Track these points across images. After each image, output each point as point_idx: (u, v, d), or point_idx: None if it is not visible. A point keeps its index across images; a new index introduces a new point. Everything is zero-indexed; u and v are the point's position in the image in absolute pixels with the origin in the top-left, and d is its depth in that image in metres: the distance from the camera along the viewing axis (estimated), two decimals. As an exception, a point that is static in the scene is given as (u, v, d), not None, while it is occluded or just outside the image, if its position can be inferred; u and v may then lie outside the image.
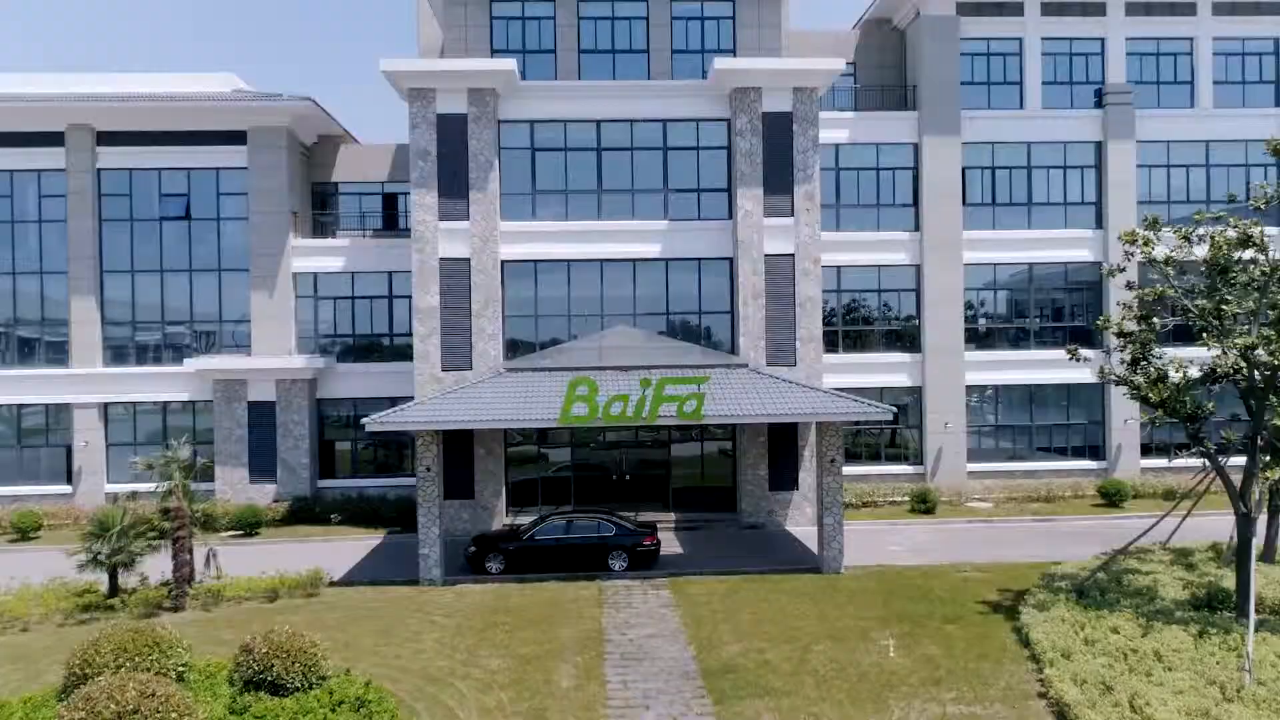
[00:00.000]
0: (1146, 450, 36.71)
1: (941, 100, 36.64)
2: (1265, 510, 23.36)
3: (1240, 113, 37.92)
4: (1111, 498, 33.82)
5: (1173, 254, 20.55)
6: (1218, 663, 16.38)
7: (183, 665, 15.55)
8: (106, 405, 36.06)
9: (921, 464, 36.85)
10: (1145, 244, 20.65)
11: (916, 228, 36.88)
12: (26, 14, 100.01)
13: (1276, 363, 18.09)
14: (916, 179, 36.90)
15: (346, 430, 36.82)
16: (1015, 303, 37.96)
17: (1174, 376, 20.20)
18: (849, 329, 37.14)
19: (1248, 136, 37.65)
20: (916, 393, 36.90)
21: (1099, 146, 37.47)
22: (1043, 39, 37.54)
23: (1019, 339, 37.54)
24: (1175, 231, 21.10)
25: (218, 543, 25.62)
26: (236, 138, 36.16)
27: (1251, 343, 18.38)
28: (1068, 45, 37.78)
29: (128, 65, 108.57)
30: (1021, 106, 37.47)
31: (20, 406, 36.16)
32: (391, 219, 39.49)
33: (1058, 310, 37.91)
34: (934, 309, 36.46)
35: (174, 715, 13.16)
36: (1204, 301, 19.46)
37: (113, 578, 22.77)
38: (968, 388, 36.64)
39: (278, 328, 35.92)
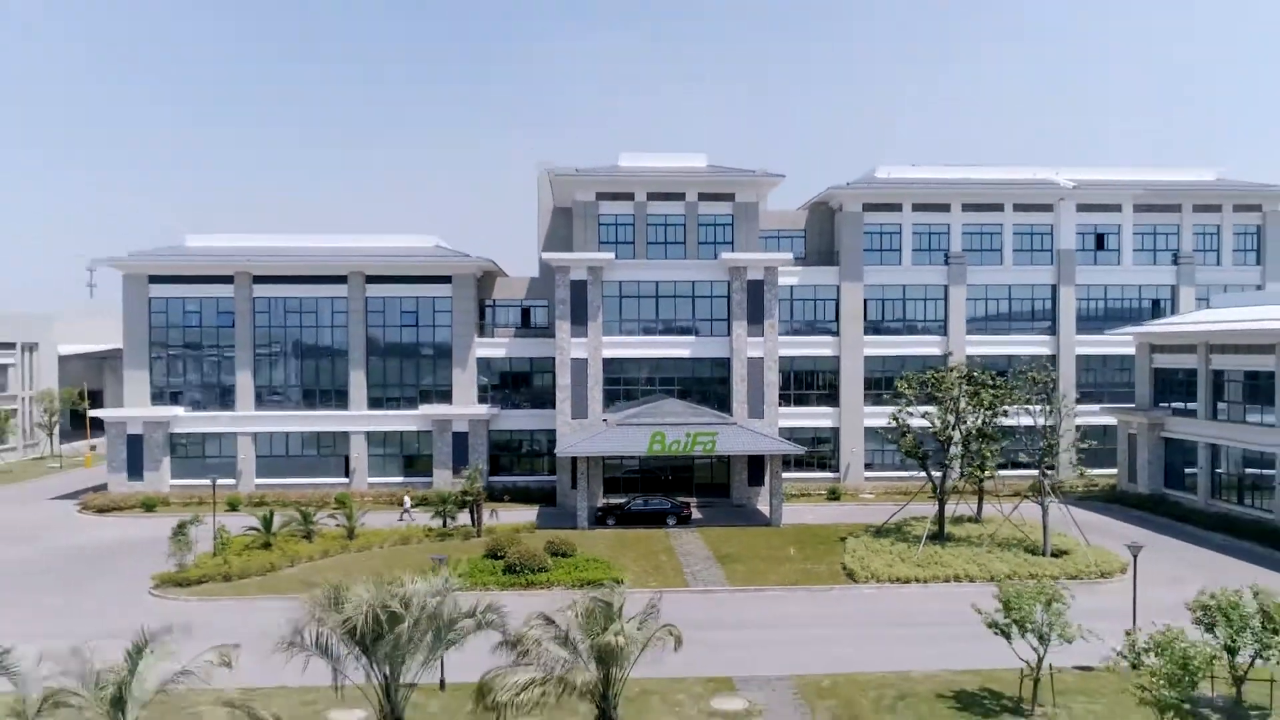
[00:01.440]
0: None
1: (852, 260, 63.39)
2: (977, 497, 50.29)
3: (1029, 269, 64.80)
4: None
5: (911, 403, 47.42)
6: (909, 553, 43.07)
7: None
8: (368, 433, 62.75)
9: (838, 472, 63.61)
10: (901, 395, 47.51)
11: (837, 334, 63.59)
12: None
13: (941, 439, 44.91)
14: (837, 307, 63.63)
15: (505, 447, 63.42)
16: (894, 379, 64.51)
17: (920, 431, 46.98)
18: (798, 393, 63.84)
19: (1033, 282, 64.66)
20: (836, 431, 63.67)
21: (945, 289, 64.26)
22: (913, 224, 64.31)
23: (897, 400, 64.05)
24: (915, 385, 47.99)
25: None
26: (444, 279, 62.83)
27: (938, 428, 45.21)
28: (927, 228, 64.53)
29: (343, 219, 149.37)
30: (900, 264, 64.22)
31: (319, 433, 62.85)
32: (527, 323, 66.06)
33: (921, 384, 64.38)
34: (846, 383, 63.23)
35: (541, 556, 39.90)
36: (921, 416, 46.36)
37: (444, 522, 49.47)
38: (865, 429, 63.31)
39: (468, 389, 62.60)
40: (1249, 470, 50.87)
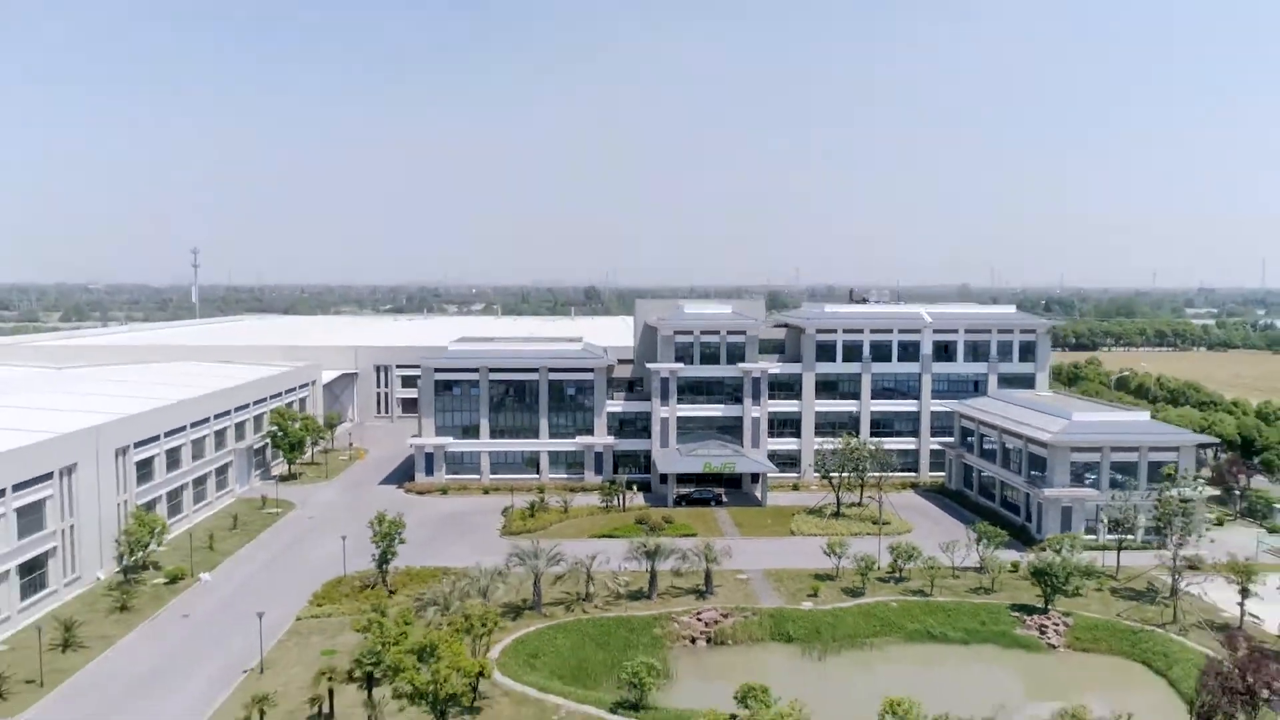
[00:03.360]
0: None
1: (809, 360, 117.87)
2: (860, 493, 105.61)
3: (906, 365, 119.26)
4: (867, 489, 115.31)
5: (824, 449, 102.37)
6: (820, 522, 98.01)
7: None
8: (550, 451, 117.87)
9: (799, 473, 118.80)
10: (825, 446, 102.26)
11: (800, 400, 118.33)
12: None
13: (838, 466, 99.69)
14: (800, 386, 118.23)
15: (620, 459, 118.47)
16: (833, 425, 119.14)
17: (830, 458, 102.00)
18: (778, 431, 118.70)
19: (908, 372, 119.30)
20: (799, 451, 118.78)
21: (859, 376, 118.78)
22: (843, 340, 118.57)
23: (834, 434, 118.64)
24: (835, 444, 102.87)
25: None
26: (590, 369, 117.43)
27: (842, 460, 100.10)
28: (852, 341, 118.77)
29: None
30: (835, 362, 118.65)
31: (523, 450, 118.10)
32: (632, 390, 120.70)
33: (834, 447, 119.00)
34: (805, 425, 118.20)
35: (660, 522, 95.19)
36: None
37: (606, 504, 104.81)
38: (814, 450, 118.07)
39: (602, 428, 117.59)
40: (988, 478, 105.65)
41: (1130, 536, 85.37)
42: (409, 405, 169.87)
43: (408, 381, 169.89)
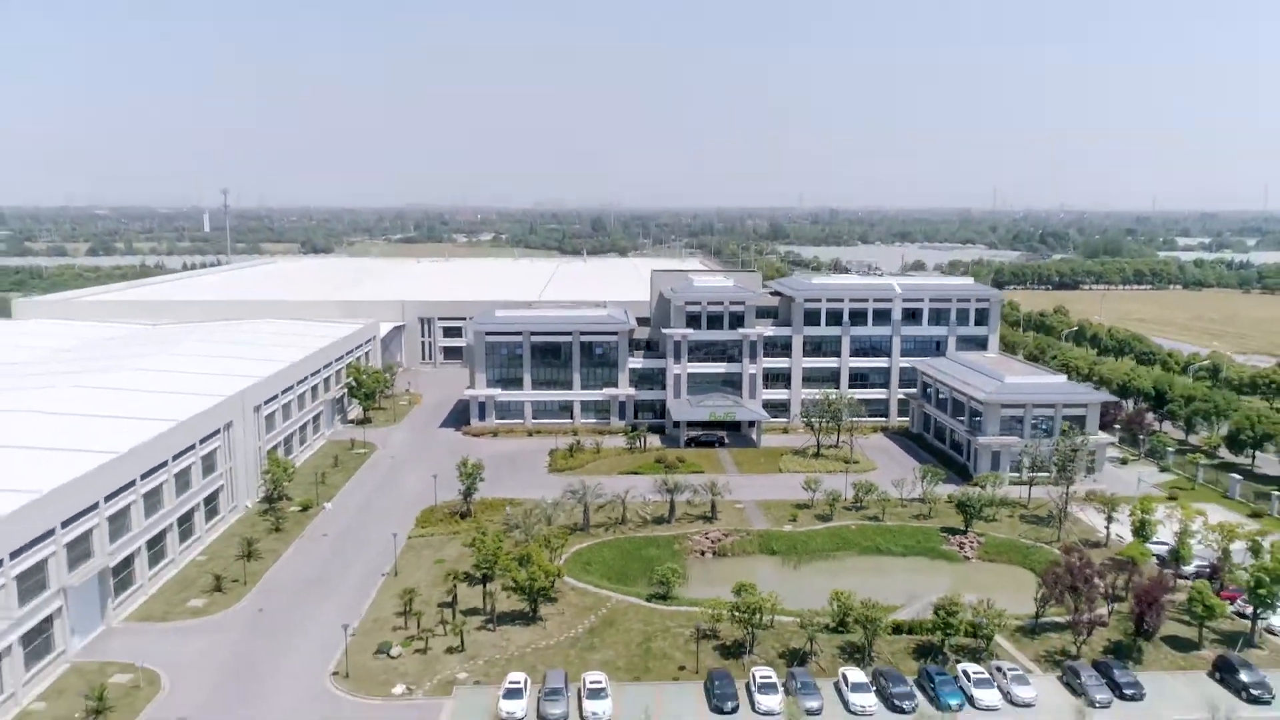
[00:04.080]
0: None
1: (797, 324, 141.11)
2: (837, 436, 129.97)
3: (879, 328, 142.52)
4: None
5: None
6: (803, 462, 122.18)
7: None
8: (581, 401, 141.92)
9: (789, 418, 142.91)
10: (809, 401, 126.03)
11: (790, 357, 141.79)
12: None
13: (817, 415, 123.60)
14: (790, 345, 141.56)
15: (640, 407, 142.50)
16: (823, 378, 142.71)
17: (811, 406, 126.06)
18: (772, 383, 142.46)
19: (881, 334, 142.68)
20: (789, 400, 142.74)
21: (839, 337, 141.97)
22: (826, 308, 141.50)
23: (819, 387, 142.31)
24: (817, 402, 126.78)
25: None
26: (614, 333, 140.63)
27: (823, 410, 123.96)
28: (834, 308, 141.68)
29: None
30: (820, 326, 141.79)
31: (559, 400, 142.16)
32: (650, 349, 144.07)
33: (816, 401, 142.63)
34: (794, 378, 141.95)
35: (675, 462, 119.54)
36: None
37: (631, 445, 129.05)
38: (801, 399, 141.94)
39: (625, 381, 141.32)
40: (941, 424, 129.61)
41: (1044, 474, 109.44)
42: (450, 353, 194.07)
43: (449, 332, 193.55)
